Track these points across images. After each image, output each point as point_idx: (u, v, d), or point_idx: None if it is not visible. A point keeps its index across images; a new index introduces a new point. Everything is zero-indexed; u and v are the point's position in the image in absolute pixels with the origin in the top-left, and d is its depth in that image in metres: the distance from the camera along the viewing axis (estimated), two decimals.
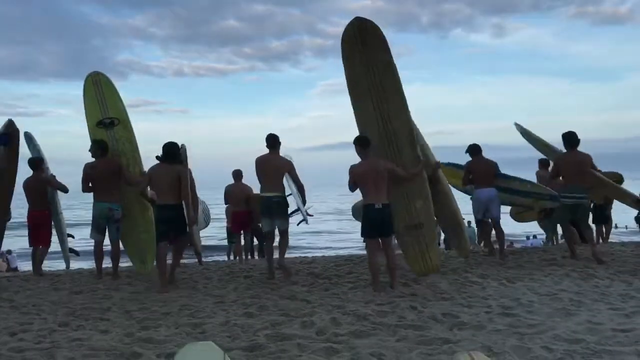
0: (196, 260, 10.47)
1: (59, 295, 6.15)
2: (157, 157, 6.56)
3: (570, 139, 7.74)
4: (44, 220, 7.76)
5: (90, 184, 7.15)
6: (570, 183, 7.67)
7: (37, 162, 7.73)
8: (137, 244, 7.40)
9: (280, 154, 7.11)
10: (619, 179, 9.55)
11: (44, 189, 7.72)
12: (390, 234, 6.23)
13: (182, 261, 10.57)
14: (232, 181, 10.35)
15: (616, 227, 20.41)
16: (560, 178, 7.97)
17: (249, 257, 11.48)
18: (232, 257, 13.18)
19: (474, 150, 8.49)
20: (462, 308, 5.10)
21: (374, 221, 6.05)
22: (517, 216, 10.44)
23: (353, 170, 6.21)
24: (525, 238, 21.82)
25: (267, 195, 6.88)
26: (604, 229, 11.00)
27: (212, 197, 11.63)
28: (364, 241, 7.79)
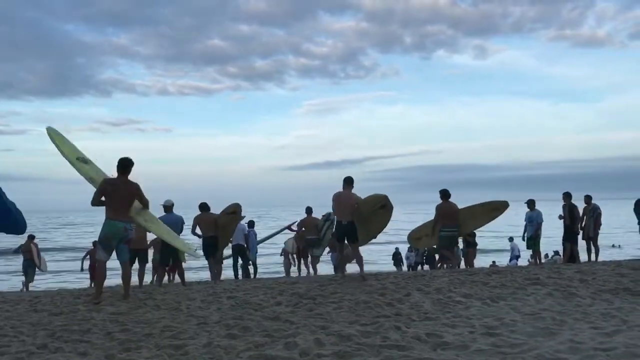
0: (179, 280, 10.44)
1: (39, 317, 6.04)
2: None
3: (446, 193, 11.49)
4: None
5: (102, 200, 6.97)
6: (446, 222, 11.34)
7: None
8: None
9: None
10: (502, 206, 11.79)
11: None
12: (355, 240, 9.07)
13: (164, 281, 10.56)
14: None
15: (547, 256, 20.74)
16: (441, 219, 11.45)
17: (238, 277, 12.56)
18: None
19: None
20: (446, 328, 5.10)
21: (341, 231, 9.15)
22: (416, 242, 13.17)
23: (333, 197, 9.16)
24: (508, 260, 21.97)
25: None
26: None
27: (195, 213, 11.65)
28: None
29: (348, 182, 9.14)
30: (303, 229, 14.29)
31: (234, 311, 6.15)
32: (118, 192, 6.92)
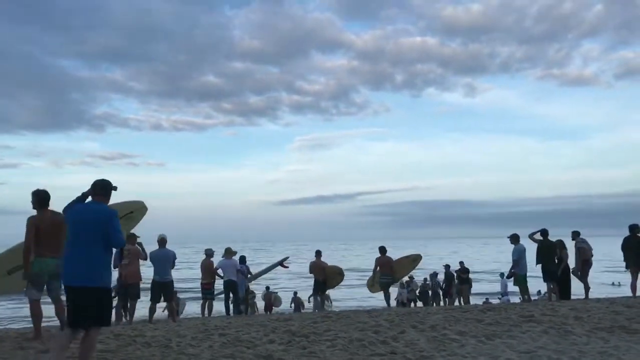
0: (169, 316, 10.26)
1: (24, 355, 5.88)
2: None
3: (383, 249, 14.93)
4: None
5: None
6: (383, 271, 14.64)
7: None
8: None
9: None
10: (418, 257, 16.12)
11: None
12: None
13: (154, 317, 10.37)
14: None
15: (539, 292, 20.74)
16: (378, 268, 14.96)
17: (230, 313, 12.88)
18: (206, 312, 13.00)
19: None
20: None
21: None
22: (371, 288, 16.11)
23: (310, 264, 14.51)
24: (500, 296, 21.86)
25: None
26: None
27: (188, 249, 11.55)
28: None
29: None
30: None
31: (226, 349, 6.03)
32: (45, 228, 6.56)
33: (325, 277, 14.93)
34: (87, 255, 4.63)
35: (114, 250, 5.64)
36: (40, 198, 6.69)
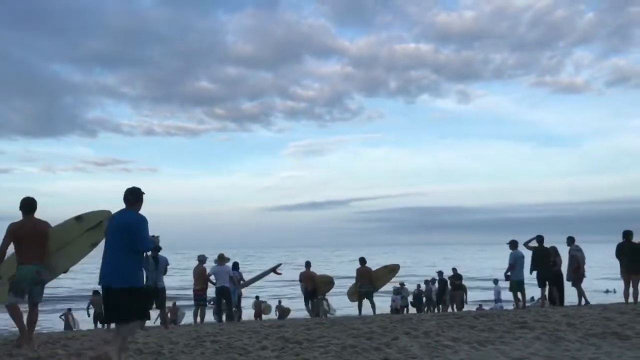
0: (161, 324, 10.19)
1: None
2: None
3: (363, 260, 15.69)
4: None
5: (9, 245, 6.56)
6: (363, 282, 15.29)
7: None
8: None
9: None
10: (396, 267, 16.98)
11: None
12: None
13: (147, 325, 10.32)
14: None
15: (532, 299, 20.89)
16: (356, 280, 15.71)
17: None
18: (198, 319, 12.93)
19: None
20: None
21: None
22: (351, 296, 16.47)
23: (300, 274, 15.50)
24: (494, 302, 21.91)
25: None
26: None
27: (180, 255, 11.50)
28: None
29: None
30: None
31: (218, 356, 6.00)
32: (25, 234, 6.55)
33: (315, 286, 15.86)
34: (118, 258, 5.07)
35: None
36: (23, 204, 6.68)
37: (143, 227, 5.16)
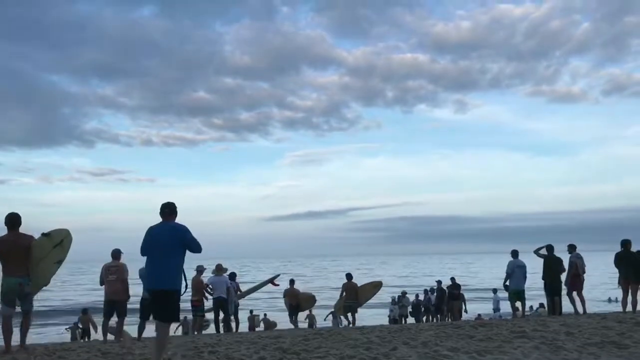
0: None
1: None
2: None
3: (349, 275, 16.60)
4: None
5: None
6: (348, 296, 15.96)
7: None
8: None
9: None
10: (379, 284, 17.59)
11: None
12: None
13: (143, 336, 10.25)
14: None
15: (531, 308, 20.88)
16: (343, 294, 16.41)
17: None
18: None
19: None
20: None
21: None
22: (339, 310, 17.21)
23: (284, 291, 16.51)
24: (492, 311, 21.86)
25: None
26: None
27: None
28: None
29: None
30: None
31: None
32: (8, 249, 6.86)
33: (298, 301, 16.90)
34: (169, 263, 5.62)
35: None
36: (6, 220, 7.01)
37: (190, 233, 5.75)
